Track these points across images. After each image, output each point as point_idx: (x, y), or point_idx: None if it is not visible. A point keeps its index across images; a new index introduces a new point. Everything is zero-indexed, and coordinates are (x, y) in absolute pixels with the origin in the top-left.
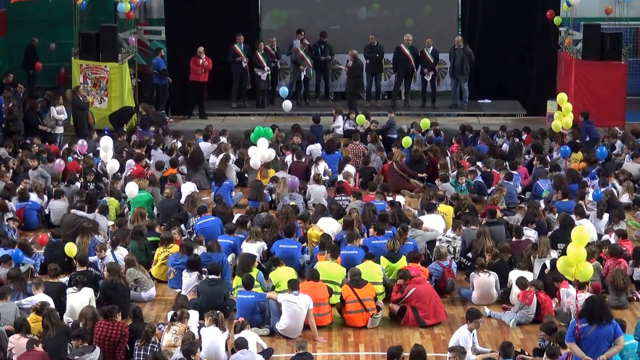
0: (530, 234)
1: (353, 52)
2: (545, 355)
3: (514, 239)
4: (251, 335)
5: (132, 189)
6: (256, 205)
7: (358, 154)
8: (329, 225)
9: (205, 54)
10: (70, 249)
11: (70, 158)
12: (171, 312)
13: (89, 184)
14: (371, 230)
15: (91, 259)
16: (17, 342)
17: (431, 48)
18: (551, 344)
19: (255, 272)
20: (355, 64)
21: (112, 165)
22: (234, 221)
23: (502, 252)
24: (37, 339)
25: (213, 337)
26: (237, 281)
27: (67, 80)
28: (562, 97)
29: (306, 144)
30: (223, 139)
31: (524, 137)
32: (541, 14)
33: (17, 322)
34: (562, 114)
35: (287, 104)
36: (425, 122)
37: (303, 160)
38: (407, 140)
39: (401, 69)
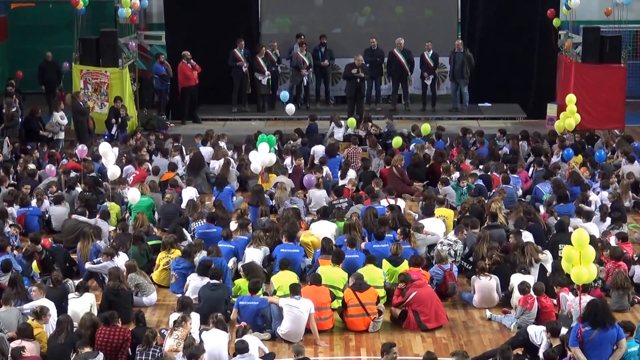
0: (526, 235)
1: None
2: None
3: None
4: (253, 340)
5: (134, 195)
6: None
7: (356, 158)
8: (325, 229)
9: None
10: None
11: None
12: (174, 315)
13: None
14: None
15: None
16: None
17: (431, 51)
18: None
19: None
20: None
21: (113, 171)
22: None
23: (491, 250)
24: (23, 347)
25: (215, 340)
26: (237, 286)
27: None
28: (570, 97)
29: (308, 145)
30: (222, 144)
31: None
32: (541, 17)
33: (21, 327)
34: (567, 114)
35: (290, 108)
36: (425, 127)
37: (302, 161)
38: (397, 141)
39: (395, 73)
